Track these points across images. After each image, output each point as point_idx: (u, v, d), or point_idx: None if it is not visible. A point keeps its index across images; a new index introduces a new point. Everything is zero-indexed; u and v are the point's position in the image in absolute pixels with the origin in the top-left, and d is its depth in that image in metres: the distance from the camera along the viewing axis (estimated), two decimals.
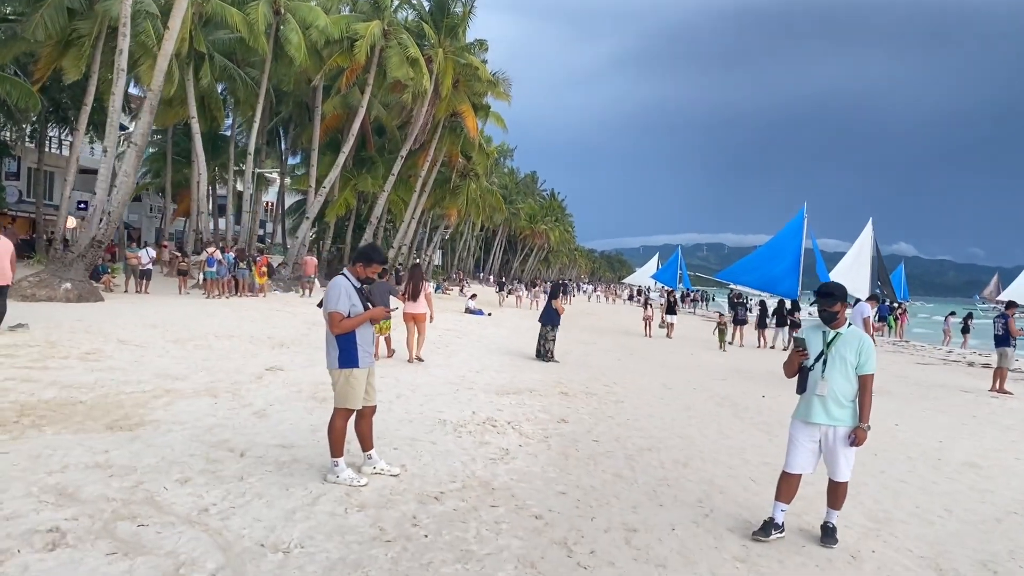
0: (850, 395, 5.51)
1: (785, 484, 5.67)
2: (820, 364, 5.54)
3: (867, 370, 5.50)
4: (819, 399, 5.52)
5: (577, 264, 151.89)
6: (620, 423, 9.65)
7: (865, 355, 5.50)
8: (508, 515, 5.59)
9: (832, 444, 5.53)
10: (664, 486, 6.82)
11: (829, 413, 5.49)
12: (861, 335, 5.59)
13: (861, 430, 5.48)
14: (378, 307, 6.11)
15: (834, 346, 5.53)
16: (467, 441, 7.80)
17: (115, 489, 5.28)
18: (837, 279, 62.26)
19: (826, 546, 5.50)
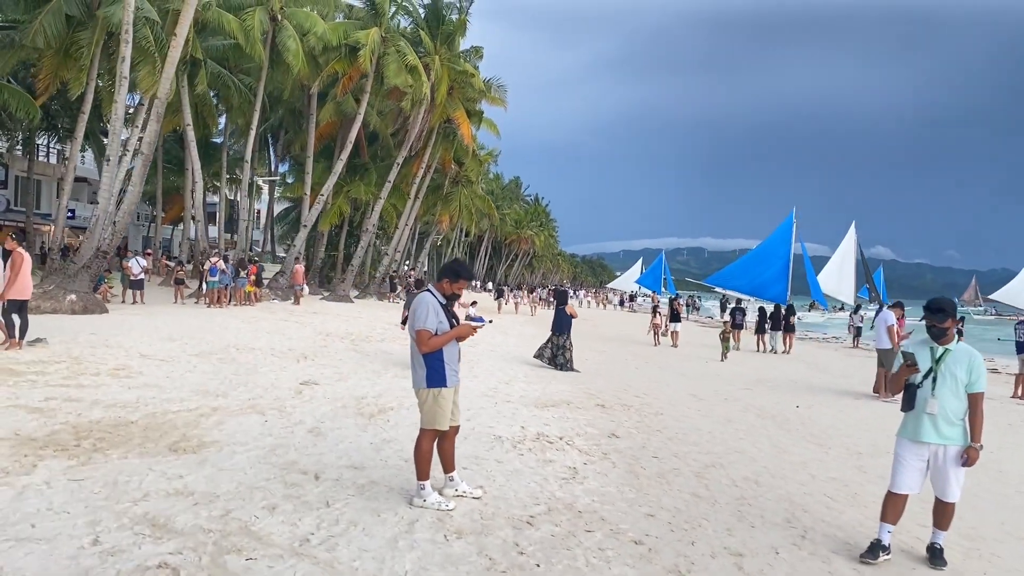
0: (960, 413, 5.37)
1: (892, 505, 5.53)
2: (930, 381, 5.40)
3: (978, 388, 5.37)
4: (929, 417, 5.38)
5: (560, 269, 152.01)
6: (670, 437, 9.49)
7: (976, 372, 5.37)
8: (607, 540, 5.40)
9: (942, 464, 5.39)
10: (746, 505, 6.66)
11: (940, 432, 5.35)
12: (971, 352, 5.45)
13: (974, 450, 5.33)
14: (464, 324, 5.91)
15: (943, 363, 5.39)
16: (530, 459, 7.60)
17: (206, 518, 5.04)
18: (824, 283, 62.21)
19: (936, 568, 5.36)
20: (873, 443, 10.14)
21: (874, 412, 13.04)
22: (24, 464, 5.83)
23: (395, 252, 43.62)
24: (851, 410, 13.15)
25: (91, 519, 4.83)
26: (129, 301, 23.23)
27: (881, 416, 12.59)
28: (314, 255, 40.54)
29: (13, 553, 4.22)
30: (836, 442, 10.06)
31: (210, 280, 23.98)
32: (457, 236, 75.84)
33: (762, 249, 62.28)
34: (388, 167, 39.26)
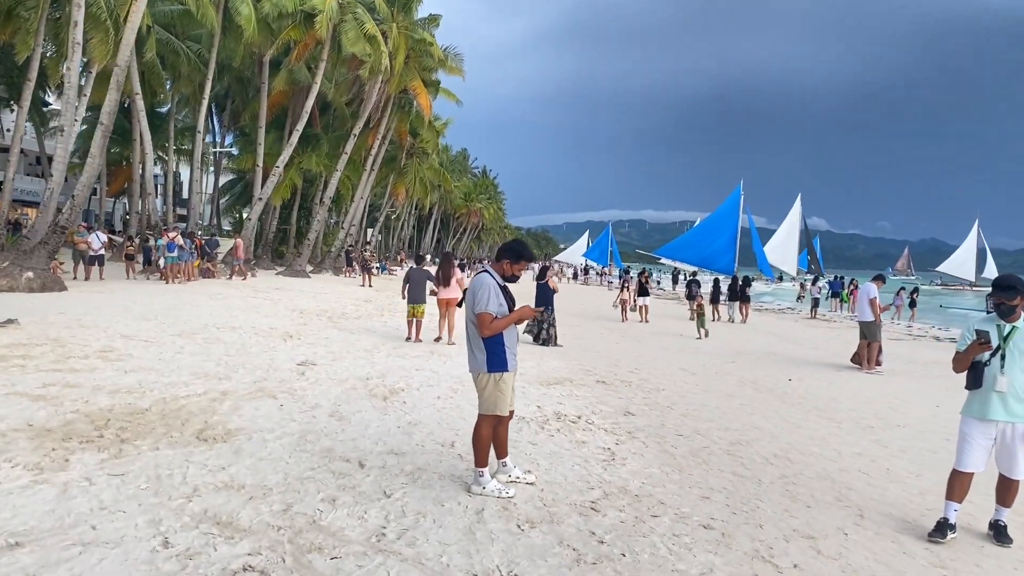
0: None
1: (959, 483, 5.50)
2: (998, 359, 5.37)
3: None
4: (998, 395, 5.34)
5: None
6: (684, 414, 9.43)
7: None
8: (677, 526, 5.27)
9: (1011, 441, 5.36)
10: (791, 484, 6.61)
11: (1009, 409, 5.32)
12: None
13: None
14: (525, 307, 5.67)
15: (1011, 340, 5.35)
16: (562, 441, 7.44)
17: (269, 514, 4.76)
18: (770, 254, 63.15)
19: (1003, 545, 5.36)
20: (878, 415, 10.25)
21: (863, 384, 13.21)
22: (55, 459, 5.43)
23: (350, 226, 42.81)
24: (841, 382, 13.30)
25: (150, 518, 4.51)
26: (82, 277, 22.23)
27: (873, 387, 12.76)
28: (267, 229, 39.53)
29: (86, 559, 3.89)
30: (843, 415, 10.12)
31: (168, 256, 23.15)
32: (408, 208, 74.93)
33: (711, 221, 63.03)
34: (340, 138, 38.38)
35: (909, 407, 11.10)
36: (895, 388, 12.85)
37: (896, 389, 12.70)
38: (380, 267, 47.65)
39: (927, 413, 10.63)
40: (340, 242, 41.38)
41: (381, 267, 47.71)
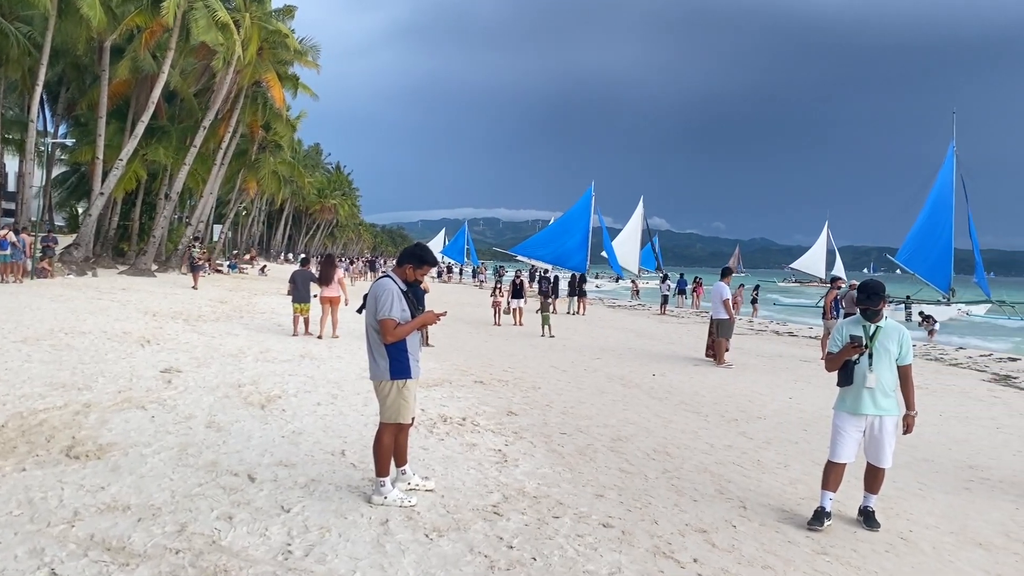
0: (893, 385, 5.81)
1: (833, 474, 5.90)
2: (866, 358, 5.80)
3: (908, 360, 5.84)
4: (868, 391, 5.76)
5: (362, 239, 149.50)
6: (563, 412, 9.62)
7: (906, 346, 5.82)
8: (579, 526, 5.38)
9: (879, 433, 5.81)
10: (674, 479, 6.89)
11: (877, 404, 5.76)
12: (899, 328, 5.89)
13: (911, 417, 5.86)
14: (429, 312, 5.61)
15: (877, 339, 5.80)
16: (453, 444, 7.43)
17: (163, 535, 4.49)
18: (617, 251, 65.34)
19: (872, 529, 5.79)
20: (739, 408, 10.83)
21: (721, 378, 13.92)
22: None
23: (198, 222, 40.80)
24: (700, 376, 13.96)
25: (31, 547, 4.16)
26: None
27: (730, 381, 13.46)
28: (107, 225, 37.04)
29: None
30: (708, 409, 10.63)
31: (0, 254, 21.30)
32: (258, 204, 72.30)
33: (564, 220, 64.72)
34: (187, 129, 36.53)
35: (765, 400, 11.78)
36: (749, 381, 13.61)
37: (751, 382, 13.46)
38: (231, 265, 45.77)
39: (783, 405, 11.33)
40: (187, 239, 39.37)
41: (231, 265, 45.84)
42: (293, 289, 15.93)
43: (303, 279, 15.94)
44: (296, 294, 15.82)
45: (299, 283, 15.86)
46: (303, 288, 15.82)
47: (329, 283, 15.73)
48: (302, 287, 15.83)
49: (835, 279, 18.79)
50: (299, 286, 15.85)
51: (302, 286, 15.83)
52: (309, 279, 16.02)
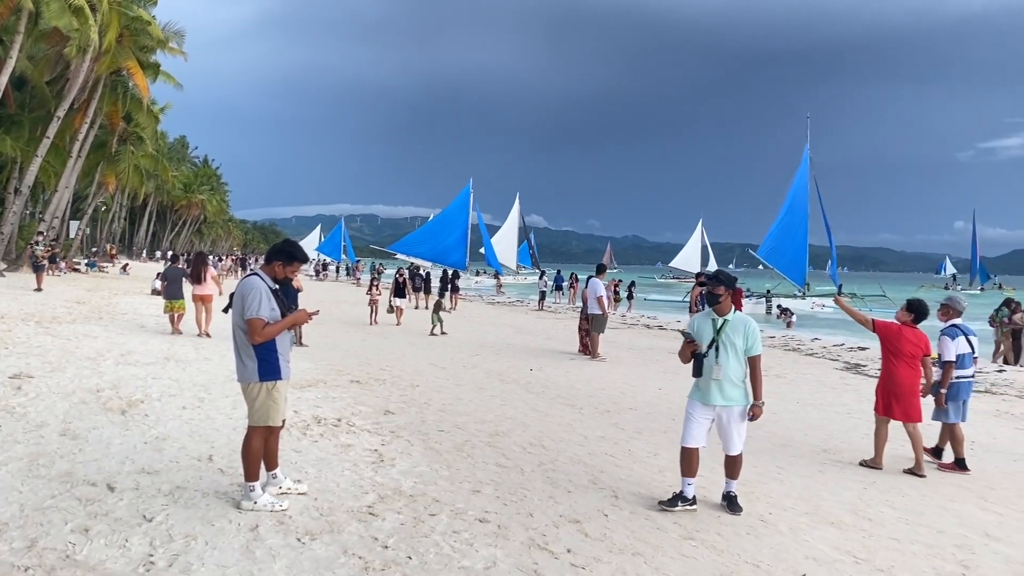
0: (741, 376, 6.06)
1: (686, 459, 6.11)
2: (713, 350, 6.03)
3: (755, 351, 6.07)
4: (715, 383, 6.00)
5: (231, 236, 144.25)
6: (441, 409, 9.62)
7: (752, 338, 6.04)
8: (455, 522, 5.40)
9: (727, 423, 6.06)
10: (550, 471, 7.01)
11: (724, 394, 6.00)
12: (747, 320, 6.13)
13: (757, 407, 6.06)
14: (301, 311, 5.48)
15: (724, 332, 6.04)
16: (327, 445, 7.31)
17: (11, 552, 4.22)
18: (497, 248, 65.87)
19: (734, 513, 6.04)
20: (612, 400, 11.14)
21: (595, 371, 14.27)
22: None
23: (52, 218, 38.32)
24: (575, 370, 14.25)
25: None
26: None
27: (604, 374, 13.82)
28: None
29: None
30: (583, 402, 10.88)
31: None
32: (120, 200, 68.59)
33: (443, 218, 64.70)
34: (40, 119, 34.30)
35: (636, 391, 12.17)
36: (622, 374, 14.02)
37: (623, 375, 13.86)
38: (89, 264, 43.24)
39: (652, 396, 11.73)
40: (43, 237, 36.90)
41: (90, 264, 43.31)
42: (166, 287, 16.01)
43: (175, 276, 16.11)
44: (168, 291, 15.89)
45: (171, 280, 15.98)
46: (176, 285, 15.90)
47: (201, 281, 15.87)
48: (174, 284, 15.90)
49: (699, 275, 19.57)
50: (171, 283, 15.93)
51: (174, 283, 15.92)
52: (182, 276, 16.26)
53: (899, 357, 7.91)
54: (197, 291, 15.83)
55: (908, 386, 7.88)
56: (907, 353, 7.88)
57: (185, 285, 16.18)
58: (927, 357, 8.00)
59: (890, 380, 7.94)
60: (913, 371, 7.91)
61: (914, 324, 8.04)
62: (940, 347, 8.24)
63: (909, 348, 7.89)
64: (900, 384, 7.87)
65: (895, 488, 7.13)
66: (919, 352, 7.92)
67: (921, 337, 7.99)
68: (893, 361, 7.95)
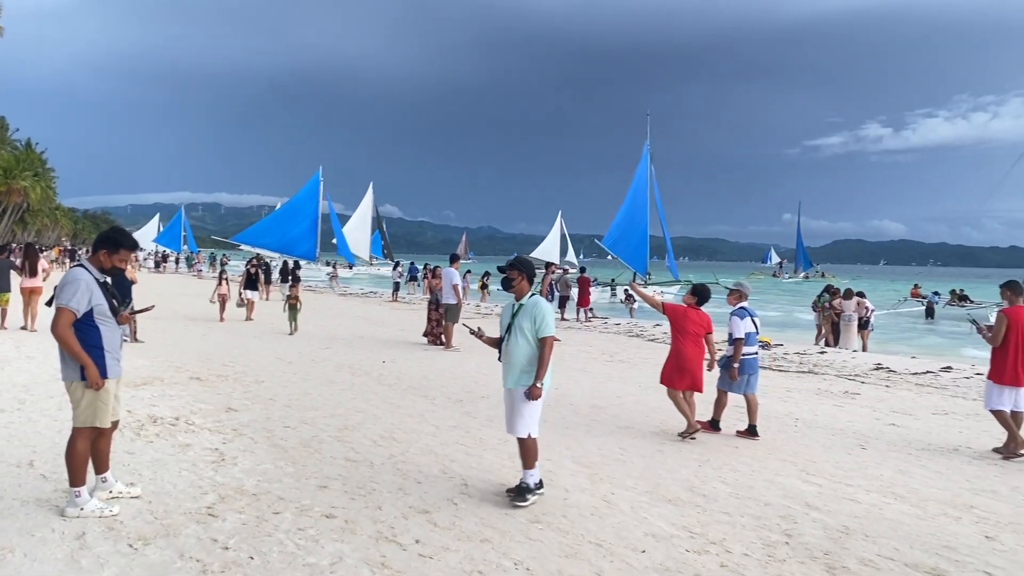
0: (528, 358, 5.94)
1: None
2: (507, 334, 6.07)
3: (543, 333, 5.90)
4: (508, 366, 6.03)
5: (59, 225, 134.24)
6: (287, 405, 9.37)
7: (539, 320, 5.90)
8: (301, 519, 5.28)
9: (509, 404, 6.06)
10: (400, 463, 6.97)
11: (514, 377, 5.99)
12: (536, 303, 6.01)
13: (534, 388, 5.87)
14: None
15: (517, 316, 6.03)
16: (164, 446, 6.97)
17: None
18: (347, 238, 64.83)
19: (514, 505, 5.80)
20: (465, 389, 11.19)
21: (449, 361, 14.30)
22: None
23: None
24: (428, 361, 14.23)
25: None
26: None
27: (457, 364, 13.87)
28: None
29: None
30: (436, 392, 10.87)
31: None
32: None
33: (291, 206, 62.80)
34: None
35: (489, 380, 12.25)
36: (475, 363, 14.11)
37: (476, 364, 13.95)
38: None
39: (497, 387, 11.86)
40: None
41: None
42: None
43: (3, 268, 15.82)
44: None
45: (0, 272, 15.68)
46: (3, 277, 15.59)
47: (34, 273, 15.72)
48: (2, 277, 15.59)
49: (548, 264, 20.06)
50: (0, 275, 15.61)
51: (2, 275, 15.61)
52: (10, 268, 16.08)
53: (685, 335, 8.76)
54: (27, 283, 15.52)
55: (694, 360, 8.69)
56: (691, 332, 8.74)
57: (13, 277, 15.74)
58: (710, 335, 8.90)
59: (678, 355, 8.75)
60: (697, 347, 8.78)
61: (698, 306, 8.96)
62: (731, 327, 8.98)
63: (693, 327, 8.76)
64: (687, 359, 8.69)
65: (728, 465, 7.55)
66: (702, 331, 8.81)
67: (704, 317, 8.88)
68: (680, 339, 8.79)
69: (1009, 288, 8.87)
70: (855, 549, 5.31)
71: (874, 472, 7.54)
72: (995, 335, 8.61)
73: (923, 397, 12.49)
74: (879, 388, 13.33)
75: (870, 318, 21.54)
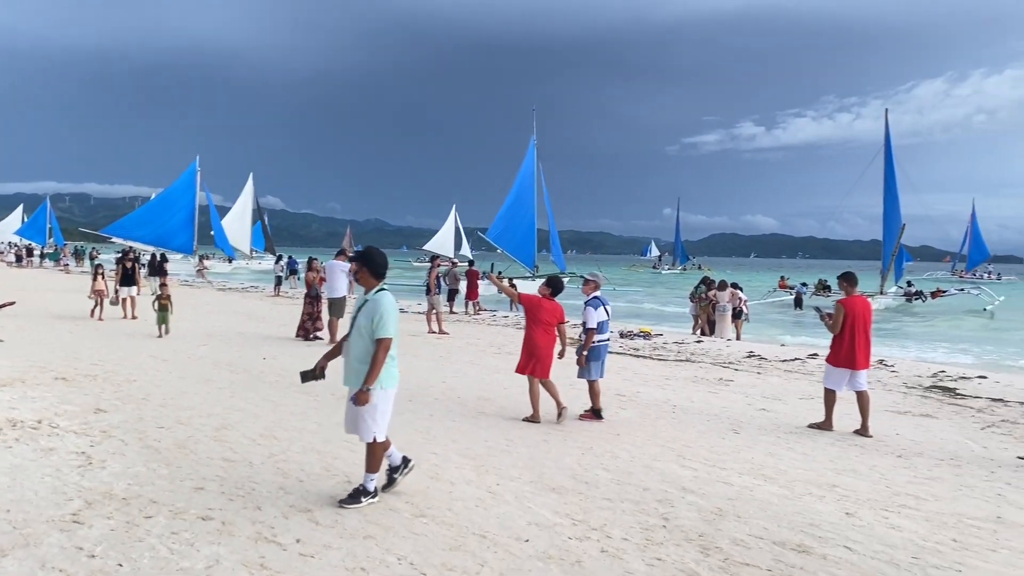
0: (363, 357, 5.63)
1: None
2: (351, 329, 5.80)
3: (380, 333, 5.54)
4: (345, 363, 5.79)
5: None
6: (162, 404, 8.99)
7: (378, 318, 5.55)
8: (175, 523, 5.10)
9: (352, 404, 5.78)
10: (281, 462, 6.83)
11: (351, 376, 5.76)
12: (379, 299, 5.65)
13: (361, 392, 5.58)
14: None
15: (360, 312, 5.72)
16: (24, 451, 6.58)
17: None
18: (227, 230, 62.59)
19: (343, 506, 5.59)
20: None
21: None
22: None
23: None
24: (312, 356, 13.57)
25: None
26: None
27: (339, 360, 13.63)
28: None
29: None
30: (320, 388, 10.54)
31: None
32: None
33: (165, 197, 60.14)
34: None
35: None
36: None
37: None
38: None
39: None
40: None
41: None
42: None
43: None
44: None
45: None
46: None
47: None
48: None
49: (434, 258, 20.00)
50: None
51: None
52: None
53: (538, 324, 9.14)
54: None
55: (544, 348, 9.11)
56: (544, 321, 9.15)
57: None
58: (562, 324, 9.33)
59: (531, 343, 9.12)
60: (549, 336, 9.19)
61: (552, 297, 9.37)
62: (584, 316, 9.41)
63: (546, 316, 9.18)
64: (539, 346, 9.10)
65: (609, 452, 7.75)
66: (555, 320, 9.25)
67: (557, 308, 9.33)
68: (533, 328, 9.16)
69: (845, 279, 9.64)
70: (728, 530, 5.55)
71: (746, 455, 7.90)
72: (834, 323, 9.35)
73: (791, 383, 13.16)
74: (751, 375, 13.96)
75: (743, 308, 22.52)
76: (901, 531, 5.70)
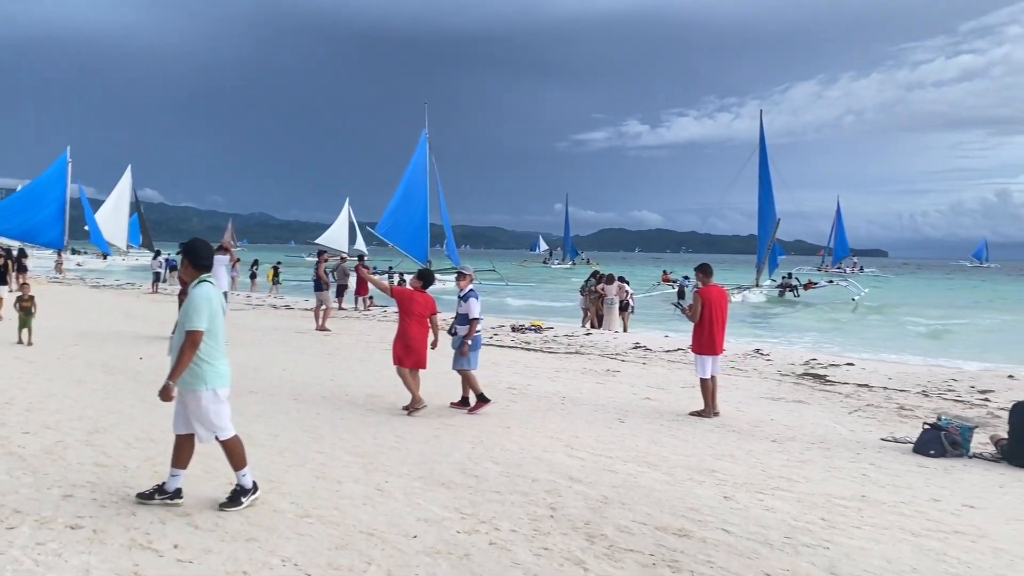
0: None
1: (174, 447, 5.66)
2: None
3: (188, 326, 5.26)
4: (171, 359, 5.46)
5: None
6: (27, 408, 8.50)
7: (187, 311, 5.31)
8: (40, 533, 4.82)
9: (184, 405, 5.54)
10: (159, 466, 6.47)
11: None
12: (195, 293, 5.40)
13: (165, 388, 5.31)
14: None
15: (183, 306, 5.44)
16: None
17: None
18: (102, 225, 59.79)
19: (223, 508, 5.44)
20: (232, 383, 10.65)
21: None
22: None
23: None
24: None
25: None
26: None
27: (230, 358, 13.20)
28: None
29: None
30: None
31: None
32: None
33: (33, 189, 56.69)
34: None
35: (259, 373, 11.81)
36: (243, 355, 13.37)
37: (245, 356, 13.26)
38: None
39: (276, 377, 11.49)
40: None
41: None
42: None
43: None
44: None
45: None
46: None
47: None
48: None
49: (321, 252, 19.66)
50: None
51: None
52: None
53: (411, 316, 9.34)
54: None
55: (418, 339, 9.31)
56: (417, 313, 9.36)
57: None
58: (434, 316, 9.58)
59: (404, 335, 9.28)
60: (422, 328, 9.41)
61: (423, 290, 9.62)
62: (468, 308, 9.60)
63: (418, 309, 9.39)
64: (412, 338, 9.26)
65: (499, 445, 7.81)
66: (427, 312, 9.48)
67: (429, 300, 9.58)
68: (406, 320, 9.35)
69: (701, 271, 10.13)
70: (613, 517, 5.69)
71: (631, 444, 8.13)
72: (694, 313, 9.78)
73: (674, 373, 13.60)
74: (637, 365, 14.36)
75: (630, 301, 23.11)
76: (775, 512, 5.99)
